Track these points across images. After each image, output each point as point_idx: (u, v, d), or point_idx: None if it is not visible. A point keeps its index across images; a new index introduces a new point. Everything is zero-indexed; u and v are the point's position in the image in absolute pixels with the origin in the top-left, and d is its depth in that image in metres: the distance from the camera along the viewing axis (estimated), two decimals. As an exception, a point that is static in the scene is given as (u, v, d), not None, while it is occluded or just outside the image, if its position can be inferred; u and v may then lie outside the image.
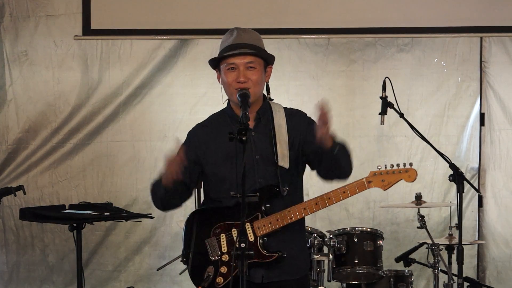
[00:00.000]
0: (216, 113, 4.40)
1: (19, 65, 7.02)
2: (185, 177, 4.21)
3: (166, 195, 4.27)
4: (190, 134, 4.37)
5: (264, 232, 4.17)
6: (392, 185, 4.19)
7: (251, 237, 4.16)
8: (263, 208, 4.17)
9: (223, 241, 4.22)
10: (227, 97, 4.31)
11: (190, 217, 4.35)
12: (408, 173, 4.18)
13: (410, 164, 4.19)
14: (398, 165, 4.18)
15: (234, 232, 4.20)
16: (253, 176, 4.19)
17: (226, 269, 4.19)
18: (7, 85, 7.02)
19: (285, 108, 4.35)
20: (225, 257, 4.20)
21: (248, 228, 4.16)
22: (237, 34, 4.23)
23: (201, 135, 4.33)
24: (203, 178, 4.36)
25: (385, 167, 4.18)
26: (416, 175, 4.18)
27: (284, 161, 4.19)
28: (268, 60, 4.28)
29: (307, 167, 4.35)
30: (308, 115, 4.34)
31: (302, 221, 4.28)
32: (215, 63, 4.29)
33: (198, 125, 4.40)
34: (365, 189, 4.18)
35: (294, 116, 4.32)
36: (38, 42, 7.01)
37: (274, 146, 4.21)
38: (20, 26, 7.00)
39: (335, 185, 4.21)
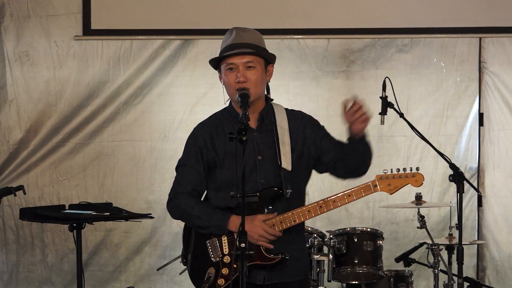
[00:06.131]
0: (217, 112, 4.36)
1: (20, 65, 7.02)
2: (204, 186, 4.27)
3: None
4: (196, 133, 4.32)
5: (266, 234, 4.16)
6: (399, 189, 4.21)
7: (253, 240, 4.14)
8: (265, 210, 4.15)
9: (224, 243, 4.20)
10: (228, 97, 4.30)
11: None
12: (415, 178, 4.20)
13: (417, 169, 4.20)
14: (404, 169, 4.19)
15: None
16: (254, 176, 4.18)
17: (227, 271, 4.17)
18: (9, 85, 7.03)
19: (286, 110, 4.33)
20: (227, 259, 4.19)
21: (251, 230, 4.15)
22: (236, 33, 4.21)
23: (204, 134, 4.27)
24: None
25: (391, 171, 4.18)
26: (423, 179, 4.20)
27: (287, 163, 4.18)
28: (268, 59, 4.25)
29: (311, 174, 4.35)
30: (311, 117, 4.34)
31: (302, 223, 4.25)
32: (216, 64, 4.27)
33: (200, 124, 4.36)
34: (371, 193, 4.21)
35: (296, 118, 4.30)
36: (39, 42, 7.01)
37: (277, 147, 4.19)
38: (20, 26, 7.00)
39: (338, 187, 4.19)
